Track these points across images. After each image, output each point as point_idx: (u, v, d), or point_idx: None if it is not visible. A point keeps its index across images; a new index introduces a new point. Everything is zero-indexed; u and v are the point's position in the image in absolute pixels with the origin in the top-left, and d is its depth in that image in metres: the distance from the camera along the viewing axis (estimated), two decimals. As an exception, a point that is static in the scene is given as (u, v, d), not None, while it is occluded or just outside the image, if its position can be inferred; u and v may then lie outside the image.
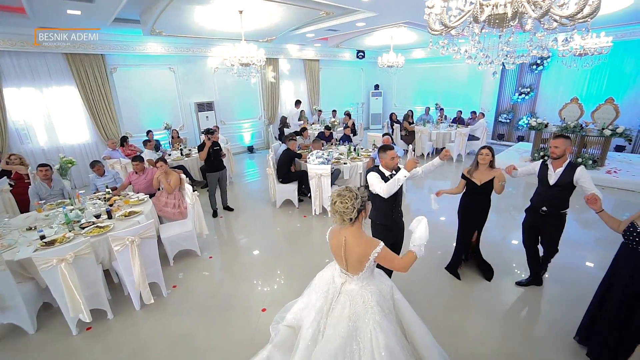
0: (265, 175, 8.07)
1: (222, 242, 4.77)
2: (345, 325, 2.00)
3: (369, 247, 1.99)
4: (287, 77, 11.13)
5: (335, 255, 2.16)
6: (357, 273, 2.07)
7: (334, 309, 2.10)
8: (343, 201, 1.95)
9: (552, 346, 2.73)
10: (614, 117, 7.52)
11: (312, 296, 2.31)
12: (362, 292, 2.08)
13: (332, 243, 2.16)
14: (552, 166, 3.08)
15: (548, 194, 3.10)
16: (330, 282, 2.23)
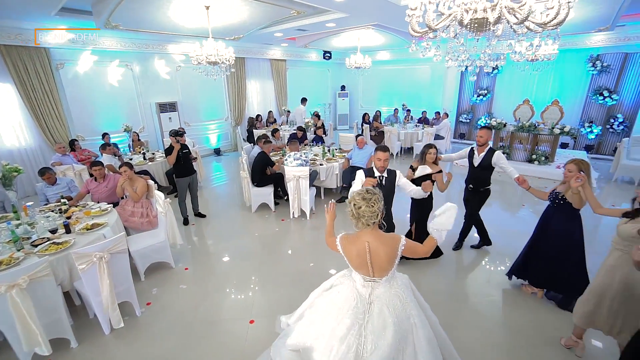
0: (235, 178, 7.81)
1: (197, 252, 4.47)
2: (392, 333, 1.92)
3: (394, 243, 1.95)
4: (253, 77, 10.83)
5: (358, 264, 2.03)
6: (386, 274, 2.01)
7: (371, 322, 1.98)
8: (370, 205, 1.88)
9: (493, 283, 3.65)
10: (560, 118, 8.28)
11: (325, 321, 2.14)
12: (395, 292, 2.03)
13: (350, 252, 2.04)
14: (477, 151, 3.87)
15: (474, 173, 3.92)
16: (355, 298, 2.08)
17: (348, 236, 2.09)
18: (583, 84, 8.97)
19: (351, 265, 2.10)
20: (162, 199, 3.80)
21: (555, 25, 2.53)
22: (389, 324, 1.94)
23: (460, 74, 11.09)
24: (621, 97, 8.50)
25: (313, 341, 2.17)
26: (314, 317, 2.27)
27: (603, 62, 8.43)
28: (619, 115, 8.53)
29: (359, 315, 2.00)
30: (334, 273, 3.64)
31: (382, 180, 3.12)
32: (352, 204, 1.94)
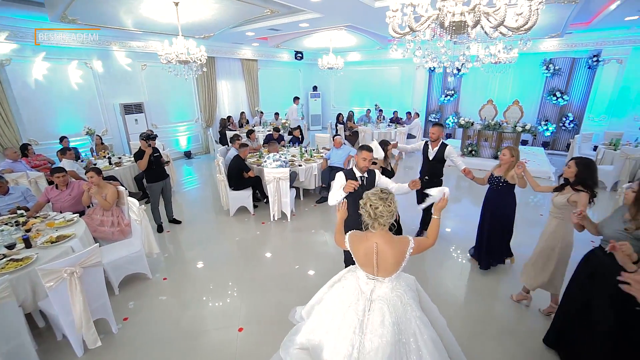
0: (209, 182, 7.53)
1: (175, 260, 4.23)
2: (391, 332, 1.92)
3: (403, 246, 1.96)
4: (224, 77, 10.52)
5: (364, 262, 2.04)
6: (391, 274, 2.02)
7: (371, 320, 1.98)
8: (387, 204, 1.90)
9: (454, 261, 4.17)
10: (520, 116, 8.86)
11: (332, 317, 2.14)
12: (397, 293, 2.04)
13: (357, 250, 2.04)
14: (431, 146, 4.20)
15: (428, 166, 4.26)
16: (358, 293, 2.08)
17: (357, 234, 2.09)
18: (539, 86, 9.67)
19: (357, 262, 2.10)
20: (136, 206, 3.55)
21: (526, 30, 2.69)
22: (387, 323, 1.95)
23: (429, 75, 11.51)
24: (571, 97, 9.27)
25: (322, 337, 2.15)
26: (322, 313, 2.26)
27: (555, 66, 9.14)
28: (569, 114, 9.29)
29: (359, 312, 2.01)
30: (315, 274, 3.68)
31: (364, 180, 3.09)
32: (367, 204, 1.93)
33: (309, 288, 3.21)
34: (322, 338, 2.17)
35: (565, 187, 2.83)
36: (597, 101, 8.83)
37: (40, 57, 6.59)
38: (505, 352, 2.72)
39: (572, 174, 2.73)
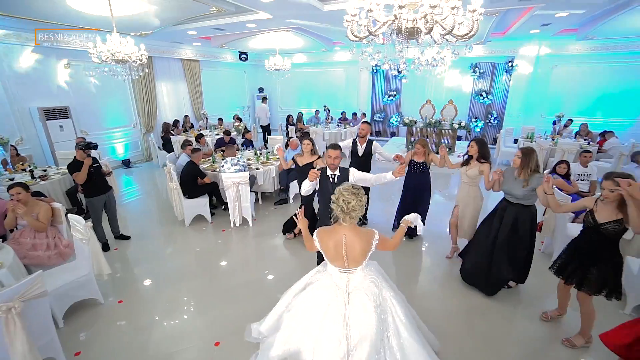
0: (154, 192, 6.97)
1: (129, 280, 3.82)
2: (375, 317, 2.03)
3: (369, 237, 2.06)
4: (164, 79, 9.77)
5: (334, 256, 2.10)
6: (360, 264, 2.10)
7: (353, 311, 2.06)
8: (359, 199, 1.96)
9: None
10: (455, 115, 9.79)
11: (309, 319, 2.15)
12: (370, 279, 2.17)
13: (326, 244, 2.08)
14: (360, 143, 4.51)
15: (359, 161, 4.51)
16: (334, 289, 2.14)
17: (325, 229, 2.14)
18: (468, 87, 10.80)
19: (327, 258, 2.14)
20: (80, 224, 3.13)
21: (469, 38, 3.01)
22: (370, 309, 2.06)
23: (372, 77, 12.09)
24: (494, 97, 10.54)
25: (300, 343, 2.16)
26: (295, 320, 2.26)
27: (480, 70, 10.31)
28: (493, 112, 10.56)
29: (340, 307, 2.08)
30: (285, 278, 3.64)
31: (335, 178, 3.15)
32: (340, 199, 1.97)
33: (281, 293, 3.17)
34: (300, 344, 2.18)
35: (470, 161, 3.66)
36: (513, 100, 10.17)
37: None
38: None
39: (475, 152, 3.58)
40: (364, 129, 4.46)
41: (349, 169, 3.18)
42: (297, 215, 2.34)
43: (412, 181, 4.36)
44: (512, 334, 2.95)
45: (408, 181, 4.41)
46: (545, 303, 3.24)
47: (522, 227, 3.09)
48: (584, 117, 9.15)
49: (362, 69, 12.01)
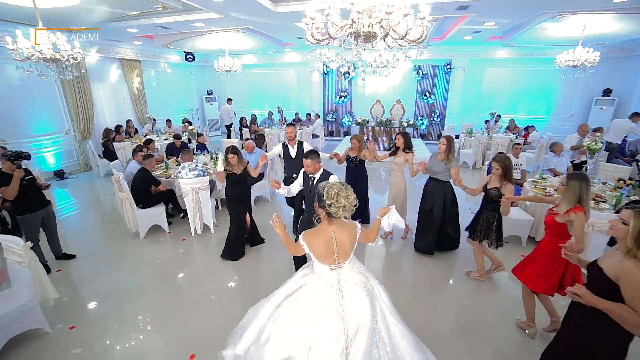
0: (96, 204, 6.40)
1: (80, 302, 3.45)
2: (368, 304, 2.11)
3: (353, 230, 2.17)
4: (100, 80, 8.92)
5: (325, 254, 2.12)
6: (349, 256, 2.19)
7: (347, 304, 2.10)
8: (349, 195, 2.01)
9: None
10: (403, 113, 10.44)
11: (303, 324, 2.12)
12: (357, 270, 2.25)
13: (316, 245, 2.10)
14: (290, 145, 4.54)
15: (293, 164, 4.51)
16: (328, 288, 2.15)
17: (311, 232, 2.16)
18: (413, 87, 11.55)
19: (317, 258, 2.15)
20: (19, 245, 2.76)
21: (420, 42, 3.28)
22: (363, 299, 2.13)
23: (323, 78, 12.32)
24: (436, 97, 11.43)
25: (290, 349, 2.12)
26: (285, 328, 2.19)
27: (423, 71, 11.10)
28: (436, 110, 11.45)
29: (335, 304, 2.11)
30: (255, 284, 3.61)
31: (314, 180, 3.23)
32: (341, 197, 2.00)
33: (253, 299, 3.12)
34: (291, 350, 2.12)
35: (397, 152, 4.30)
36: (453, 100, 11.13)
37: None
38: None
39: (402, 143, 4.24)
40: (291, 131, 4.50)
41: (330, 173, 3.22)
42: (273, 221, 2.32)
43: (351, 174, 4.79)
44: (448, 291, 3.59)
45: (348, 174, 4.83)
46: (471, 264, 3.99)
47: (446, 198, 3.95)
48: (511, 114, 10.35)
49: (313, 70, 12.18)
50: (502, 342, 2.85)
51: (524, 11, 6.12)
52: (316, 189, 2.17)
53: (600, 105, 9.65)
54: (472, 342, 2.86)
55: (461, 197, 4.44)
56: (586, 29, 6.63)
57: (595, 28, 6.97)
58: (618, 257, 1.69)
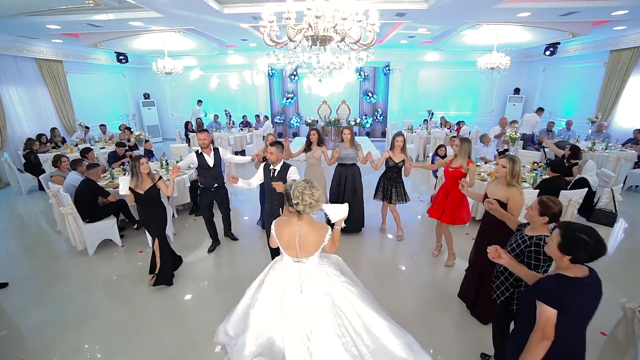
0: (21, 225, 5.65)
1: (22, 336, 3.05)
2: (326, 302, 2.20)
3: (323, 231, 2.21)
4: (12, 83, 7.76)
5: (287, 245, 2.22)
6: (312, 254, 2.24)
7: (306, 298, 2.21)
8: (314, 193, 2.07)
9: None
10: (349, 113, 10.97)
11: (272, 309, 2.25)
12: (322, 268, 2.32)
13: (282, 235, 2.21)
14: (205, 153, 4.10)
15: (212, 173, 4.13)
16: (288, 277, 2.27)
17: (282, 220, 2.27)
18: (357, 88, 12.17)
19: (281, 246, 2.25)
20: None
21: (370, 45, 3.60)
22: (321, 295, 2.24)
23: (269, 80, 12.30)
24: (378, 97, 12.20)
25: (270, 335, 2.25)
26: (261, 314, 2.31)
27: (364, 73, 11.77)
28: (379, 109, 12.22)
29: (295, 295, 2.22)
30: (226, 286, 3.58)
31: (275, 172, 3.35)
32: (306, 195, 2.06)
33: (227, 303, 3.12)
34: (270, 335, 2.27)
35: (311, 147, 4.64)
36: (393, 99, 11.99)
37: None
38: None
39: (316, 139, 4.61)
40: (204, 138, 4.01)
41: (290, 166, 3.38)
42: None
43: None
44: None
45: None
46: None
47: (356, 176, 4.54)
48: (443, 111, 11.53)
49: (257, 72, 12.10)
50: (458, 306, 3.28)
51: (450, 20, 6.94)
52: (285, 190, 2.25)
53: (512, 102, 11.28)
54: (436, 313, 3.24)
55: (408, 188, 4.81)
56: (498, 37, 7.78)
57: (505, 37, 8.20)
58: (502, 188, 2.67)
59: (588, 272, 1.56)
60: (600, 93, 8.39)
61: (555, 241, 1.55)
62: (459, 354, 2.73)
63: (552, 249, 1.58)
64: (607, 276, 3.77)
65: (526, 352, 1.55)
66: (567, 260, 1.53)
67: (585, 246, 1.47)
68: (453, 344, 2.83)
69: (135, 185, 3.39)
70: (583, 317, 1.57)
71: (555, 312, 1.47)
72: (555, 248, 1.55)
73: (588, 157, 6.10)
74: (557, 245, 1.54)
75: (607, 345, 2.19)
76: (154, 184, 3.49)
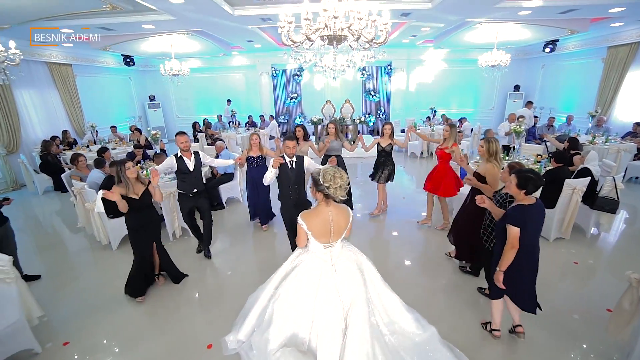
0: (42, 223, 5.78)
1: (65, 320, 3.22)
2: (359, 277, 2.37)
3: (348, 213, 2.39)
4: (25, 86, 7.92)
5: (321, 232, 2.31)
6: (340, 237, 2.39)
7: (340, 279, 2.33)
8: (343, 176, 2.22)
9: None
10: (352, 112, 11.13)
11: (304, 298, 2.34)
12: (347, 248, 2.51)
13: (314, 224, 2.29)
14: (186, 157, 3.81)
15: (191, 178, 3.89)
16: (321, 265, 2.36)
17: (309, 212, 2.37)
18: (359, 87, 12.37)
19: (314, 236, 2.34)
20: (2, 260, 2.55)
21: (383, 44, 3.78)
22: (355, 272, 2.42)
23: (273, 80, 12.48)
24: (380, 95, 12.40)
25: (294, 326, 2.33)
26: (287, 305, 2.37)
27: (367, 72, 11.96)
28: (381, 108, 12.42)
29: (330, 278, 2.34)
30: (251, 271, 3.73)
31: (292, 164, 3.55)
32: (337, 179, 2.21)
33: (252, 287, 3.29)
34: (295, 326, 2.33)
35: (298, 142, 4.50)
36: (395, 97, 12.20)
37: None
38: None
39: (302, 135, 4.87)
40: (184, 141, 3.76)
41: (303, 157, 3.59)
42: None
43: (252, 174, 4.68)
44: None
45: (250, 175, 4.72)
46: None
47: (339, 165, 4.60)
48: (444, 109, 11.73)
49: (261, 73, 12.29)
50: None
51: (454, 18, 7.14)
52: (311, 176, 2.41)
53: (513, 99, 11.50)
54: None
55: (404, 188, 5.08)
56: (498, 35, 7.99)
57: (505, 35, 8.42)
58: (483, 164, 3.32)
59: (535, 200, 2.30)
60: (599, 88, 8.61)
61: (514, 182, 2.28)
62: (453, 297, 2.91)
63: (513, 188, 2.31)
64: (611, 260, 4.02)
65: (502, 259, 2.31)
66: (522, 194, 2.27)
67: (532, 181, 2.21)
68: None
69: (126, 191, 3.10)
70: (535, 230, 2.35)
71: (518, 230, 2.21)
72: (514, 186, 2.29)
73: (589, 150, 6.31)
74: (515, 185, 2.27)
75: (614, 314, 2.37)
76: (146, 187, 3.25)
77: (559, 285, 3.57)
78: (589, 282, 3.67)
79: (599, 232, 4.59)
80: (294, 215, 2.93)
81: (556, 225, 4.28)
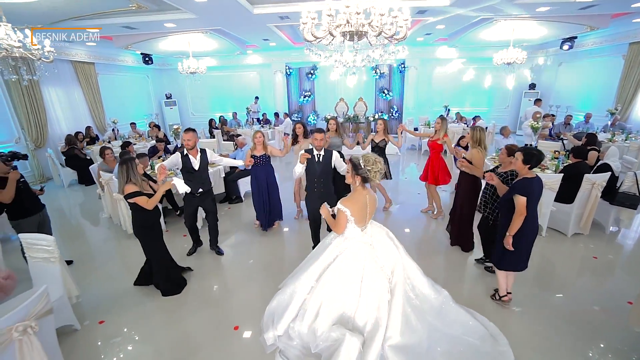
0: (70, 213, 6.07)
1: (99, 300, 3.41)
2: (393, 245, 2.65)
3: (376, 197, 2.64)
4: (52, 83, 8.24)
5: (360, 217, 2.50)
6: (371, 218, 2.62)
7: (378, 252, 2.59)
8: (381, 161, 2.43)
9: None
10: (366, 110, 11.21)
11: (352, 278, 2.49)
12: (376, 225, 2.74)
13: (355, 209, 2.48)
14: (191, 155, 3.74)
15: (197, 177, 3.78)
16: (365, 247, 2.56)
17: (349, 199, 2.53)
18: (372, 86, 12.41)
19: (356, 222, 2.50)
20: (47, 240, 2.73)
21: (403, 40, 3.84)
22: (388, 242, 2.67)
23: (286, 78, 12.63)
24: (393, 94, 12.41)
25: (340, 305, 2.46)
26: (333, 295, 2.48)
27: (380, 70, 12.00)
28: (394, 106, 12.43)
29: (373, 257, 2.55)
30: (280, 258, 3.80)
31: (320, 157, 3.63)
32: (378, 164, 2.43)
33: (280, 275, 3.42)
34: (340, 305, 2.45)
35: (297, 140, 4.95)
36: (408, 96, 12.19)
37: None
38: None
39: (301, 132, 4.93)
40: (190, 138, 3.64)
41: (332, 151, 3.67)
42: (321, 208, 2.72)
43: (256, 174, 4.51)
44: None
45: (255, 174, 4.53)
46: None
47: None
48: (458, 107, 11.68)
49: (275, 71, 12.46)
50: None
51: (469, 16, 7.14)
52: (350, 160, 2.55)
53: (528, 97, 11.36)
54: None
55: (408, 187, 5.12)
56: (514, 33, 7.93)
57: (521, 32, 8.35)
58: (470, 150, 3.69)
59: (535, 175, 2.73)
60: (619, 86, 8.46)
61: (520, 159, 2.70)
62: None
63: (519, 164, 2.71)
64: (631, 256, 4.00)
65: (511, 225, 2.68)
66: (526, 168, 2.68)
67: (535, 157, 2.65)
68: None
69: (140, 188, 3.09)
70: (536, 199, 2.73)
71: (525, 199, 2.59)
72: (520, 162, 2.70)
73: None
74: (521, 161, 2.68)
75: (636, 305, 2.40)
76: (155, 183, 3.29)
77: (577, 279, 3.59)
78: (608, 277, 3.67)
79: (619, 228, 4.56)
80: (317, 206, 3.05)
81: (574, 220, 4.27)
